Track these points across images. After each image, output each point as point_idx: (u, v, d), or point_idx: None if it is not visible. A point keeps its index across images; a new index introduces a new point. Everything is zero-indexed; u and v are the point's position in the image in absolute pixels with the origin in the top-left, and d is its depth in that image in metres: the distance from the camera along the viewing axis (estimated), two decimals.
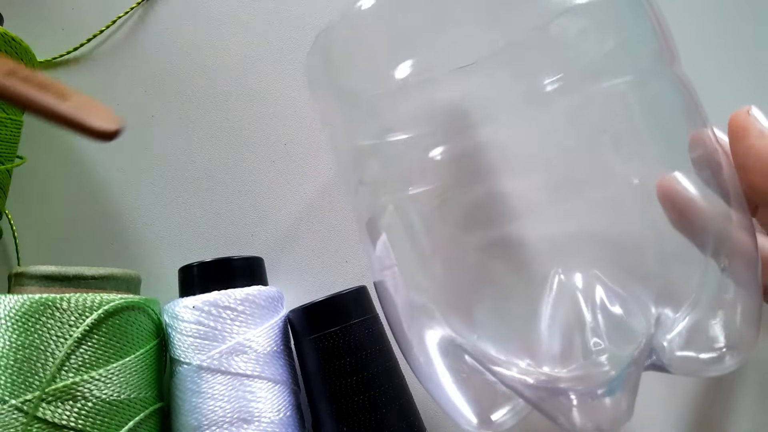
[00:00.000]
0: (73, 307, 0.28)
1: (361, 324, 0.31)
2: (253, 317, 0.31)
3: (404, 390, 0.32)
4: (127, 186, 0.38)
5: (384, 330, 0.33)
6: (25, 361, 0.27)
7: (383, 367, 0.31)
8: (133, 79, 0.40)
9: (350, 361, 0.30)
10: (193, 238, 0.38)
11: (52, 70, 0.40)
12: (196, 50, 0.40)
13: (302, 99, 0.40)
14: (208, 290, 0.31)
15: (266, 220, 0.38)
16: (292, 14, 0.41)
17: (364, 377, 0.30)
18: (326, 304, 0.31)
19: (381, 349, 0.31)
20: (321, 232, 0.38)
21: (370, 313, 0.32)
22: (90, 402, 0.27)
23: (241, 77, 0.40)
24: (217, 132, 0.39)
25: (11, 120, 0.34)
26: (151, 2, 0.41)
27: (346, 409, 0.30)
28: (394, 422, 0.30)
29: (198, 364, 0.30)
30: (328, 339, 0.30)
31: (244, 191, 0.39)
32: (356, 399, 0.30)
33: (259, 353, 0.30)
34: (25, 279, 0.30)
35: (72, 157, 0.39)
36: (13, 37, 0.33)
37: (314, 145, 0.39)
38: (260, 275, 0.34)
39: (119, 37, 0.40)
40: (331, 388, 0.30)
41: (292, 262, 0.38)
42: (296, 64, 0.40)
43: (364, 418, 0.30)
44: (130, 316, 0.30)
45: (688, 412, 0.35)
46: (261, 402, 0.30)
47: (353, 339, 0.30)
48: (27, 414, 0.26)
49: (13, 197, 0.38)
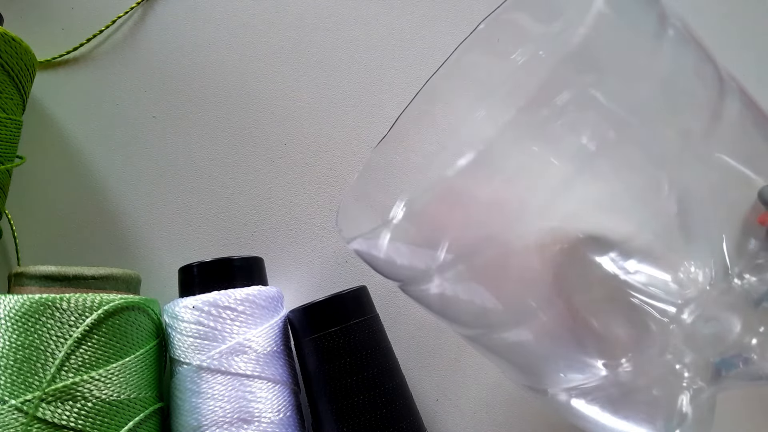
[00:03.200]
0: (72, 307, 0.28)
1: (361, 324, 0.31)
2: (253, 317, 0.31)
3: (404, 390, 0.32)
4: (127, 186, 0.38)
5: (384, 330, 0.33)
6: (25, 361, 0.27)
7: (383, 367, 0.31)
8: (133, 79, 0.40)
9: (350, 361, 0.30)
10: (193, 238, 0.38)
11: (52, 70, 0.40)
12: (196, 50, 0.40)
13: (302, 99, 0.40)
14: (208, 290, 0.31)
15: (266, 220, 0.38)
16: (292, 14, 0.41)
17: (364, 377, 0.30)
18: (326, 304, 0.31)
19: (381, 349, 0.31)
20: (321, 232, 0.38)
21: (370, 313, 0.32)
22: (90, 402, 0.27)
23: (241, 77, 0.40)
24: (217, 132, 0.39)
25: (11, 120, 0.34)
26: (151, 2, 0.41)
27: (346, 409, 0.30)
28: (394, 422, 0.30)
29: (198, 364, 0.30)
30: (328, 339, 0.30)
31: (244, 191, 0.39)
32: (356, 399, 0.30)
33: (259, 353, 0.30)
34: (25, 279, 0.30)
35: (72, 157, 0.39)
36: (13, 37, 0.33)
37: (314, 145, 0.39)
38: (260, 275, 0.34)
39: (119, 37, 0.40)
40: (331, 388, 0.30)
41: (292, 262, 0.38)
42: (296, 64, 0.40)
43: (364, 418, 0.30)
44: (129, 316, 0.30)
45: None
46: (261, 402, 0.30)
47: (353, 339, 0.30)
48: (27, 414, 0.26)
49: (13, 197, 0.38)
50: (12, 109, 0.34)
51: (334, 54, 0.40)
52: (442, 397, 0.36)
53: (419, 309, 0.37)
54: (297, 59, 0.40)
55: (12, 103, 0.34)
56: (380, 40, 0.40)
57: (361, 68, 0.40)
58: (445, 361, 0.37)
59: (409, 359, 0.36)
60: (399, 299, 0.37)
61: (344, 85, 0.40)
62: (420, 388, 0.36)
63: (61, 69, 0.40)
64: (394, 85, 0.40)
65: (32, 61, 0.36)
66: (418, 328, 0.37)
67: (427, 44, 0.40)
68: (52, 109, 0.39)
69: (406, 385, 0.32)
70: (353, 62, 0.40)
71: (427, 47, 0.40)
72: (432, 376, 0.36)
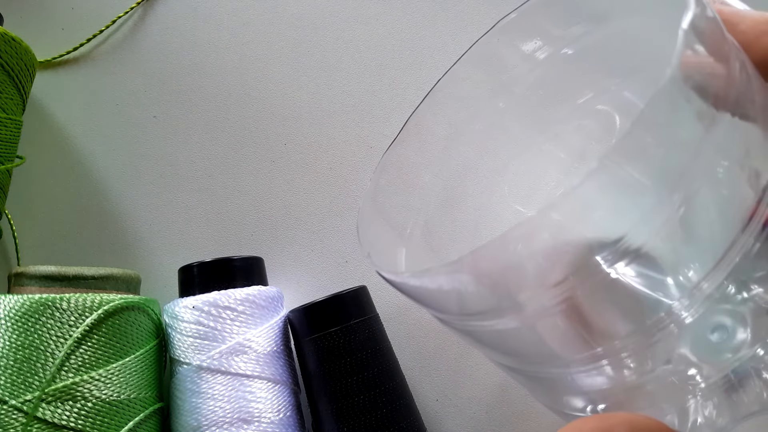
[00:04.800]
0: (72, 307, 0.28)
1: (362, 324, 0.31)
2: (253, 317, 0.31)
3: (404, 390, 0.32)
4: (127, 186, 0.38)
5: (384, 330, 0.33)
6: (25, 361, 0.27)
7: (383, 367, 0.31)
8: (133, 79, 0.40)
9: (350, 361, 0.30)
10: (193, 238, 0.38)
11: (52, 70, 0.40)
12: (196, 50, 0.40)
13: (302, 99, 0.40)
14: (208, 290, 0.31)
15: (266, 220, 0.38)
16: (292, 14, 0.41)
17: (365, 377, 0.30)
18: (326, 304, 0.31)
19: (381, 349, 0.31)
20: (321, 232, 0.38)
21: (370, 313, 0.32)
22: (90, 402, 0.27)
23: (241, 77, 0.40)
24: (217, 132, 0.39)
25: (11, 120, 0.34)
26: (151, 2, 0.41)
27: (346, 409, 0.30)
28: (394, 422, 0.30)
29: (198, 364, 0.30)
30: (328, 339, 0.30)
31: (244, 191, 0.39)
32: (356, 399, 0.30)
33: (259, 353, 0.30)
34: (24, 279, 0.30)
35: (72, 157, 0.39)
36: (13, 37, 0.33)
37: (314, 145, 0.39)
38: (260, 275, 0.34)
39: (119, 37, 0.40)
40: (331, 388, 0.30)
41: (292, 262, 0.38)
42: (296, 64, 0.40)
43: (364, 418, 0.30)
44: (129, 317, 0.30)
45: None
46: (261, 402, 0.30)
47: (353, 339, 0.30)
48: (27, 414, 0.26)
49: (13, 197, 0.38)
50: (12, 109, 0.34)
51: (334, 54, 0.40)
52: (442, 397, 0.36)
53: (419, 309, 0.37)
54: (297, 59, 0.40)
55: (12, 103, 0.34)
56: (380, 40, 0.40)
57: (361, 68, 0.40)
58: (445, 361, 0.37)
59: (409, 359, 0.36)
60: (399, 299, 0.37)
61: (344, 85, 0.40)
62: (420, 388, 0.36)
63: (61, 69, 0.40)
64: (394, 85, 0.40)
65: (32, 61, 0.36)
66: (418, 328, 0.37)
67: (427, 44, 0.40)
68: (52, 109, 0.39)
69: (406, 385, 0.32)
70: (353, 62, 0.40)
71: (427, 47, 0.40)
72: (432, 376, 0.36)
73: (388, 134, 0.39)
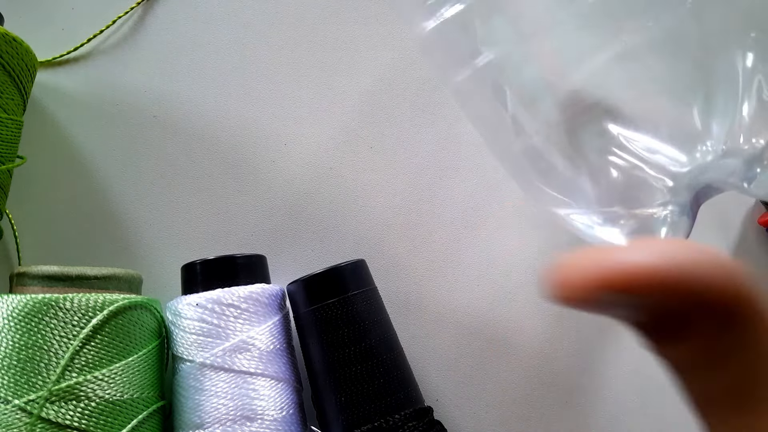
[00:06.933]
0: (76, 307, 0.28)
1: (360, 295, 0.31)
2: (256, 315, 0.31)
3: (403, 361, 0.32)
4: (127, 186, 0.38)
5: (382, 303, 0.33)
6: (29, 361, 0.27)
7: (382, 338, 0.31)
8: (133, 79, 0.40)
9: (348, 332, 0.30)
10: (193, 239, 0.38)
11: (53, 70, 0.40)
12: (196, 50, 0.40)
13: (302, 99, 0.40)
14: (211, 288, 0.31)
15: (266, 220, 0.38)
16: (292, 14, 0.41)
17: (363, 347, 0.30)
18: (325, 276, 0.31)
19: (379, 321, 0.32)
20: (321, 232, 0.38)
21: (368, 286, 0.32)
22: (93, 402, 0.27)
23: (241, 77, 0.40)
24: (217, 132, 0.39)
25: (11, 120, 0.34)
26: (151, 2, 0.41)
27: (344, 379, 0.30)
28: (392, 392, 0.30)
29: (201, 361, 0.30)
30: (326, 310, 0.31)
31: (244, 191, 0.39)
32: (354, 369, 0.30)
33: (262, 351, 0.30)
34: (27, 279, 0.30)
35: (72, 157, 0.39)
36: (13, 37, 0.33)
37: (314, 145, 0.39)
38: (263, 273, 0.34)
39: (119, 37, 0.40)
40: (329, 358, 0.30)
41: (292, 263, 0.38)
42: (296, 64, 0.40)
43: (362, 387, 0.30)
44: (133, 316, 0.30)
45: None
46: (263, 400, 0.30)
47: (352, 310, 0.31)
48: (31, 414, 0.26)
49: (14, 197, 0.37)
50: (13, 110, 0.34)
51: (334, 54, 0.40)
52: (442, 397, 0.36)
53: (419, 309, 0.37)
54: (297, 59, 0.40)
55: (13, 104, 0.34)
56: (380, 40, 0.41)
57: (361, 68, 0.40)
58: (445, 361, 0.37)
59: (409, 359, 0.36)
60: (399, 299, 0.37)
61: (344, 85, 0.40)
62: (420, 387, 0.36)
63: (61, 69, 0.40)
64: (394, 85, 0.40)
65: (33, 62, 0.36)
66: (418, 328, 0.37)
67: None
68: (53, 109, 0.39)
69: (404, 357, 0.32)
70: (353, 62, 0.40)
71: None
72: (432, 376, 0.37)
73: (388, 134, 0.39)
